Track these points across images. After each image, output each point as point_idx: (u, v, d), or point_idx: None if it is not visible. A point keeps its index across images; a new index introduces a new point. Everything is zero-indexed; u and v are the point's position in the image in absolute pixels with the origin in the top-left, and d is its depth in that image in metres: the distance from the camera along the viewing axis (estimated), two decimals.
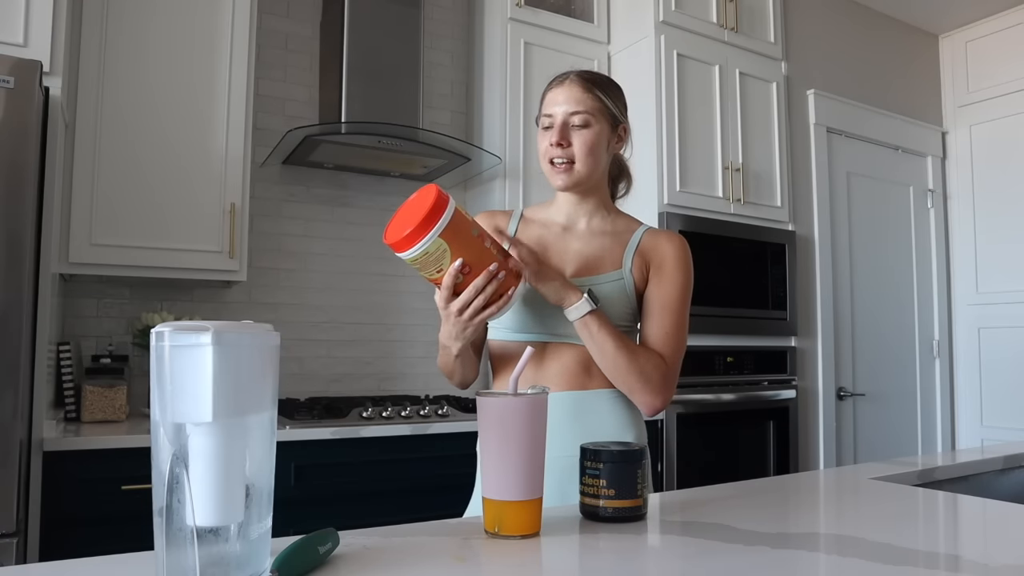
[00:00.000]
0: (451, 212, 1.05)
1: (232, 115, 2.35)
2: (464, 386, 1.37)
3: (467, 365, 1.30)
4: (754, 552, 0.83)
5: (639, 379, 1.20)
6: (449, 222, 1.04)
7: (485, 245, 1.09)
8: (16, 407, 1.63)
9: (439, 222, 1.04)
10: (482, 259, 1.09)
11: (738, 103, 2.99)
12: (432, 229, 1.04)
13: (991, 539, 0.99)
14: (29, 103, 1.68)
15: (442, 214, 1.04)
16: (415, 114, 2.70)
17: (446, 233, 1.04)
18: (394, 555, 0.81)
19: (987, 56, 3.77)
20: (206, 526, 0.67)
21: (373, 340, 2.87)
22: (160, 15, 2.27)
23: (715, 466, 2.77)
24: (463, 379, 1.34)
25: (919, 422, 3.63)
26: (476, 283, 1.09)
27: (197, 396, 0.66)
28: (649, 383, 1.20)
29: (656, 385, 1.21)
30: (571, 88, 1.27)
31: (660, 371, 1.22)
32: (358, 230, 2.89)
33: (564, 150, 1.25)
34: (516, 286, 1.13)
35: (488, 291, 1.10)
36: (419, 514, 1.16)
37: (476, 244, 1.08)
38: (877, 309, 3.51)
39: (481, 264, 1.09)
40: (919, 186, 3.78)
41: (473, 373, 1.34)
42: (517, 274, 1.13)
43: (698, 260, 1.36)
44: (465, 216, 1.09)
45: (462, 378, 1.33)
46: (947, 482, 1.48)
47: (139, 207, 2.21)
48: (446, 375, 1.34)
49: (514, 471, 0.89)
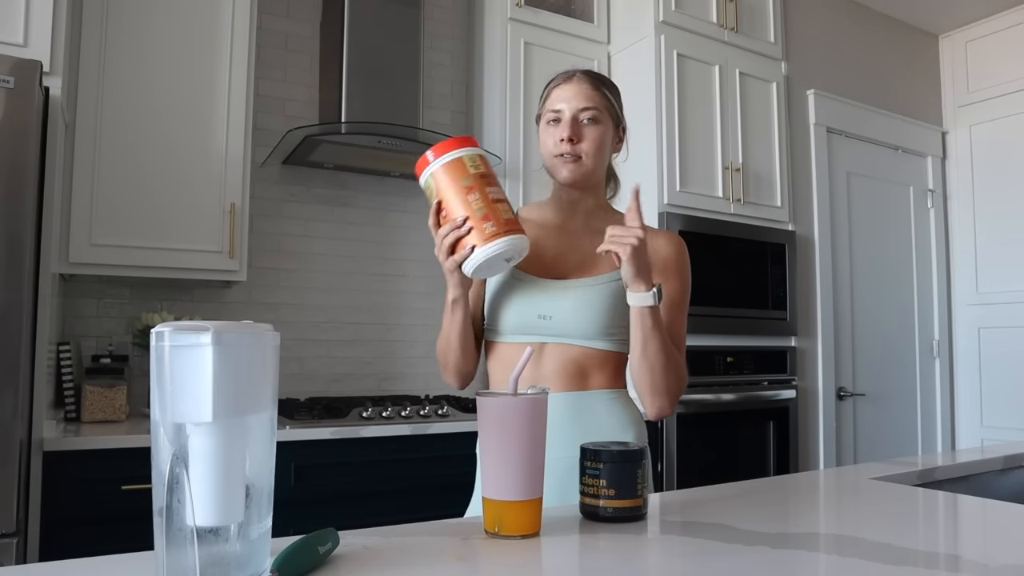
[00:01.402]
0: (447, 159, 1.15)
1: (232, 115, 2.35)
2: (462, 380, 1.33)
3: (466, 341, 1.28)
4: (754, 552, 0.83)
5: (666, 382, 1.20)
6: (440, 166, 1.15)
7: (468, 197, 1.14)
8: (16, 407, 1.63)
9: (431, 164, 1.17)
10: (456, 207, 1.14)
11: (738, 103, 2.99)
12: (426, 168, 1.17)
13: (991, 539, 0.99)
14: (29, 103, 1.68)
15: (439, 157, 1.15)
16: (415, 114, 2.70)
17: (436, 175, 1.16)
18: (394, 555, 0.81)
19: (987, 56, 3.77)
20: (206, 526, 0.67)
21: (373, 340, 2.87)
22: (160, 15, 2.27)
23: (715, 466, 2.77)
24: (460, 364, 1.30)
25: (919, 422, 3.63)
26: (439, 231, 1.16)
27: (197, 396, 0.66)
28: (670, 390, 1.22)
29: (676, 393, 1.23)
30: (581, 84, 1.27)
31: (682, 378, 1.24)
32: (358, 230, 2.89)
33: (574, 145, 1.25)
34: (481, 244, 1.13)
35: (447, 241, 1.14)
36: (419, 514, 1.16)
37: (458, 193, 1.14)
38: (877, 309, 3.51)
39: (453, 212, 1.15)
40: (919, 186, 3.78)
41: (471, 362, 1.31)
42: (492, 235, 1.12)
43: (698, 260, 1.36)
44: (465, 166, 1.15)
45: (456, 359, 1.29)
46: (947, 482, 1.47)
47: (139, 207, 2.21)
48: (441, 363, 1.32)
49: (514, 471, 0.89)
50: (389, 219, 2.95)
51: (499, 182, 1.19)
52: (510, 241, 1.13)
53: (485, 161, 1.18)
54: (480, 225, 1.13)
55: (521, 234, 1.15)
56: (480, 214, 1.13)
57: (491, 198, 1.14)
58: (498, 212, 1.14)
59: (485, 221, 1.13)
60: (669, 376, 1.20)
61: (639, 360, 1.20)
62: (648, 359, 1.18)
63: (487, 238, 1.13)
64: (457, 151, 1.15)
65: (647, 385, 1.21)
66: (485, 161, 1.18)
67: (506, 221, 1.14)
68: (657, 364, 1.18)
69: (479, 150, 1.18)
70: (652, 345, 1.17)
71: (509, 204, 1.18)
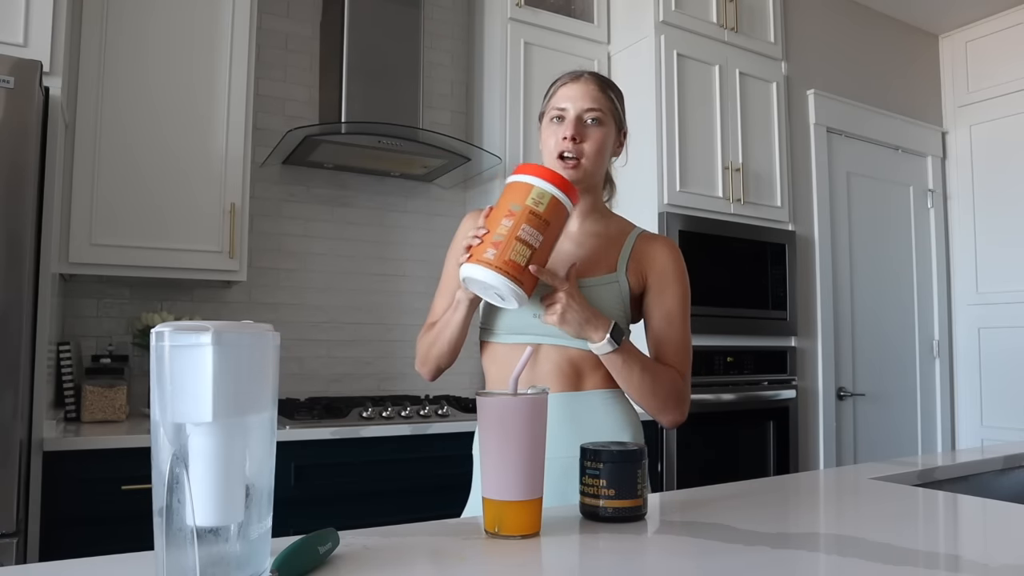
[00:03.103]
0: (523, 179, 1.13)
1: (232, 115, 2.35)
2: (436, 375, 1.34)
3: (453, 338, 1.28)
4: (754, 552, 0.83)
5: (664, 402, 1.23)
6: (515, 181, 1.14)
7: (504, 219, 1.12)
8: (16, 407, 1.63)
9: (514, 176, 1.15)
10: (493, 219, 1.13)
11: (738, 103, 2.99)
12: (512, 176, 1.16)
13: (991, 539, 0.99)
14: (29, 103, 1.68)
15: (523, 174, 1.13)
16: (415, 114, 2.70)
17: (508, 185, 1.16)
18: (394, 555, 0.81)
19: (987, 56, 3.77)
20: (206, 526, 0.67)
21: (373, 340, 2.87)
22: (160, 15, 2.27)
23: (715, 466, 2.77)
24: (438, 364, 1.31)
25: (919, 422, 3.63)
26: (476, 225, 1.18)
27: (197, 396, 0.66)
28: (670, 403, 1.23)
29: (676, 403, 1.24)
30: (587, 85, 1.28)
31: (679, 388, 1.25)
32: (358, 230, 2.89)
33: (576, 145, 1.25)
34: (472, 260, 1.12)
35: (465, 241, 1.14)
36: (419, 514, 1.16)
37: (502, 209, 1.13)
38: (877, 309, 3.51)
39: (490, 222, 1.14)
40: (919, 186, 3.78)
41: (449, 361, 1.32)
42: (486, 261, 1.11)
43: (698, 260, 1.36)
44: (528, 194, 1.12)
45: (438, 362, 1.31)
46: (947, 482, 1.48)
47: (139, 207, 2.21)
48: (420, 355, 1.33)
49: (514, 471, 0.89)
50: (389, 219, 2.95)
51: (550, 233, 1.12)
52: (495, 278, 1.09)
53: (556, 209, 1.12)
54: (486, 246, 1.11)
55: (513, 283, 1.09)
56: (496, 238, 1.11)
57: (519, 234, 1.10)
58: (511, 248, 1.09)
59: (493, 247, 1.10)
60: (663, 396, 1.22)
61: (629, 392, 1.24)
62: (635, 389, 1.21)
63: (480, 260, 1.11)
64: (535, 179, 1.12)
65: (648, 407, 1.24)
66: (556, 209, 1.12)
67: (508, 261, 1.09)
68: (647, 391, 1.21)
69: (561, 196, 1.12)
70: (635, 377, 1.20)
71: (534, 255, 1.10)
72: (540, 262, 1.12)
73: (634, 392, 1.22)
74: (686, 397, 1.26)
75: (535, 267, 1.10)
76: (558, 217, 1.13)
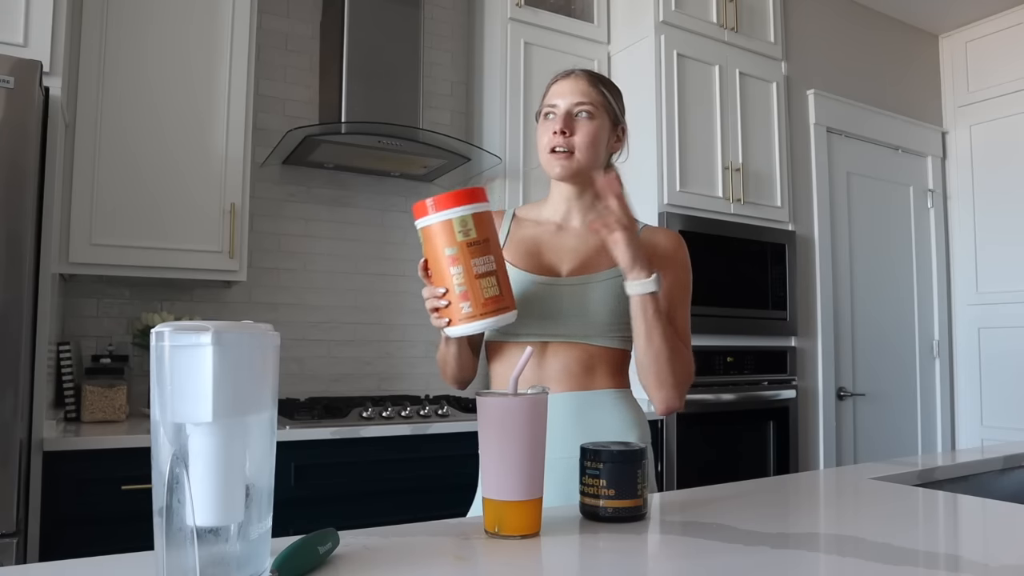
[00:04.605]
0: (436, 219, 1.09)
1: (232, 115, 2.35)
2: (461, 385, 1.36)
3: (462, 360, 1.30)
4: (754, 552, 0.83)
5: (672, 375, 1.19)
6: (429, 225, 1.09)
7: (450, 269, 1.08)
8: (16, 407, 1.63)
9: (422, 219, 1.10)
10: (438, 274, 1.10)
11: (738, 103, 2.99)
12: (419, 219, 1.11)
13: (991, 539, 0.99)
14: (29, 103, 1.68)
15: (432, 213, 1.09)
16: (415, 114, 2.70)
17: (425, 232, 1.11)
18: (394, 555, 0.81)
19: (987, 56, 3.77)
20: (206, 526, 0.67)
21: (373, 340, 2.87)
22: (160, 15, 2.27)
23: (715, 466, 2.77)
24: (457, 376, 1.32)
25: (919, 422, 3.63)
26: (424, 291, 1.14)
27: (197, 396, 0.66)
28: (677, 381, 1.20)
29: (683, 384, 1.21)
30: (577, 81, 1.28)
31: (689, 370, 1.23)
32: (358, 230, 2.89)
33: (566, 139, 1.25)
34: (455, 323, 1.10)
35: (428, 303, 1.13)
36: (419, 514, 1.16)
37: (440, 261, 1.09)
38: (877, 309, 3.51)
39: (437, 278, 1.11)
40: (919, 186, 3.78)
41: (468, 372, 1.33)
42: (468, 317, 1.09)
43: (698, 260, 1.36)
44: (453, 232, 1.08)
45: (456, 374, 1.32)
46: (947, 482, 1.47)
47: (139, 207, 2.21)
48: (440, 370, 1.34)
49: (514, 471, 0.89)
50: (389, 219, 2.95)
51: (493, 245, 1.11)
52: (485, 324, 1.09)
53: (482, 221, 1.10)
54: (458, 303, 1.09)
55: (503, 314, 1.10)
56: (459, 291, 1.08)
57: (475, 272, 1.08)
58: (478, 291, 1.08)
59: (463, 300, 1.08)
60: (676, 367, 1.19)
61: (644, 351, 1.18)
62: (653, 349, 1.17)
63: (462, 319, 1.09)
64: (449, 212, 1.08)
65: (653, 377, 1.20)
66: (482, 221, 1.10)
67: (485, 302, 1.08)
68: (663, 354, 1.17)
69: (476, 207, 1.09)
70: (656, 334, 1.16)
71: (498, 275, 1.10)
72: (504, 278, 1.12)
73: (652, 353, 1.17)
74: (690, 381, 1.24)
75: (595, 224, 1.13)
76: (488, 225, 1.11)
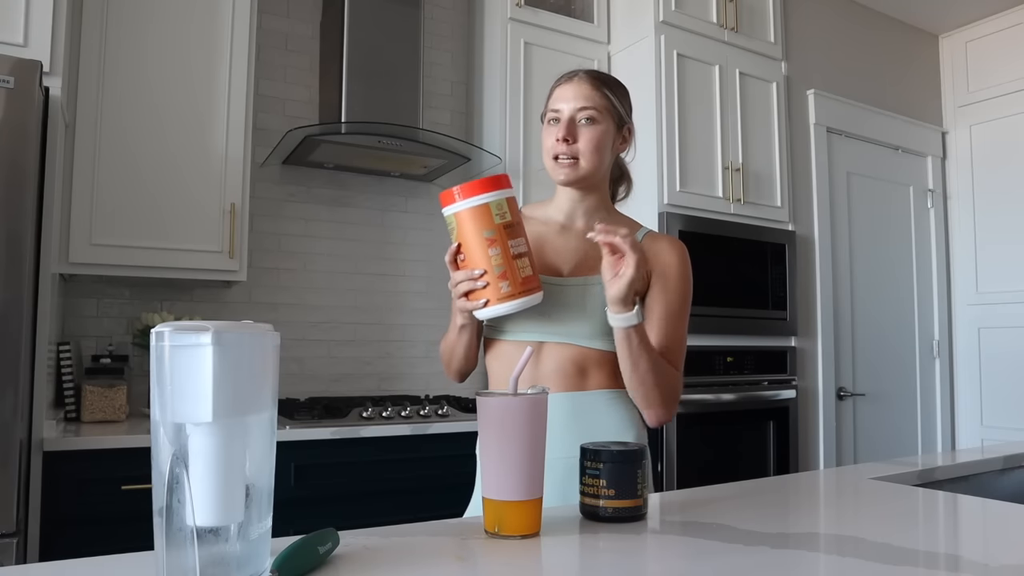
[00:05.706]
0: (473, 203, 1.13)
1: (232, 115, 2.35)
2: (462, 377, 1.37)
3: (471, 350, 1.31)
4: (754, 552, 0.83)
5: (660, 396, 1.21)
6: (466, 209, 1.13)
7: (489, 250, 1.13)
8: (16, 407, 1.63)
9: (457, 203, 1.14)
10: (475, 257, 1.14)
11: (738, 103, 2.99)
12: (451, 205, 1.15)
13: (991, 539, 0.99)
14: (29, 103, 1.68)
15: (466, 198, 1.13)
16: (415, 114, 2.70)
17: (460, 217, 1.14)
18: (394, 555, 0.81)
19: (987, 56, 3.77)
20: (206, 526, 0.67)
21: (373, 340, 2.87)
22: (160, 15, 2.27)
23: (715, 466, 2.77)
24: (462, 366, 1.34)
25: (919, 422, 3.63)
26: (456, 274, 1.17)
27: (197, 396, 0.66)
28: (666, 399, 1.22)
29: (671, 401, 1.23)
30: (580, 85, 1.27)
31: (676, 386, 1.24)
32: (358, 230, 2.89)
33: (569, 146, 1.25)
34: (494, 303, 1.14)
35: (461, 287, 1.16)
36: (419, 514, 1.16)
37: (480, 244, 1.13)
38: (877, 309, 3.51)
39: (473, 260, 1.14)
40: (919, 186, 3.78)
41: (473, 363, 1.34)
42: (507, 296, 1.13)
43: (698, 260, 1.36)
44: (491, 214, 1.13)
45: (462, 365, 1.33)
46: (947, 482, 1.47)
47: (139, 207, 2.21)
48: (444, 362, 1.35)
49: (514, 471, 0.89)
50: (389, 219, 2.95)
51: (523, 229, 1.18)
52: (524, 302, 1.15)
53: (513, 206, 1.16)
54: (496, 283, 1.13)
55: (536, 293, 1.16)
56: (498, 271, 1.13)
57: (512, 253, 1.13)
58: (516, 270, 1.13)
59: (502, 280, 1.13)
60: (663, 389, 1.20)
61: (630, 378, 1.20)
62: (639, 375, 1.19)
63: (501, 298, 1.13)
64: (485, 196, 1.13)
65: (641, 398, 1.22)
66: (513, 206, 1.16)
67: (523, 280, 1.14)
68: (648, 380, 1.19)
69: (508, 193, 1.16)
70: (643, 363, 1.18)
71: (530, 256, 1.16)
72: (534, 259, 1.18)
73: (638, 378, 1.18)
74: (679, 396, 1.25)
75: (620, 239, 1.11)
76: (517, 209, 1.18)
